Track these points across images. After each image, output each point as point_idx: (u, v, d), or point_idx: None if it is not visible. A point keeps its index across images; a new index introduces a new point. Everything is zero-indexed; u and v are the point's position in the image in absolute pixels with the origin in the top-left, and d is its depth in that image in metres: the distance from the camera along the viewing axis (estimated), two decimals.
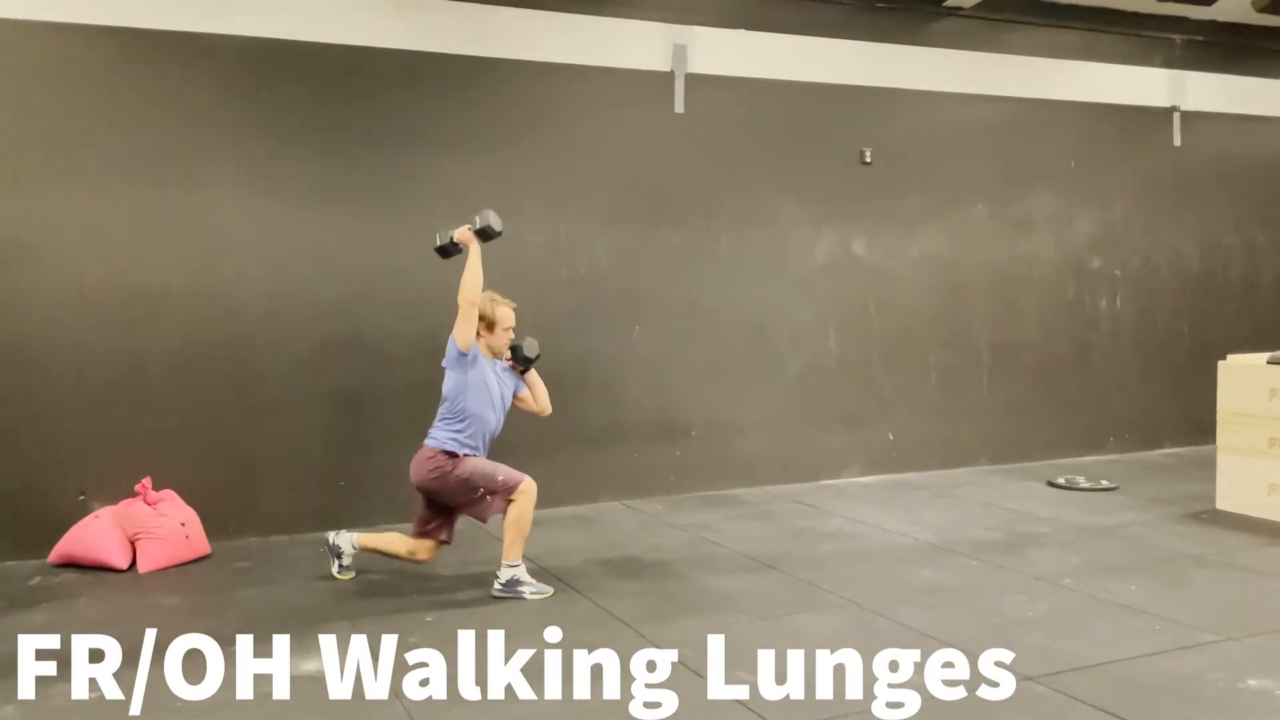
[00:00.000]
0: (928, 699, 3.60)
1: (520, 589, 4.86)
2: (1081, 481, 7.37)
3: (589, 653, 4.07)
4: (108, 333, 5.87)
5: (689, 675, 3.84)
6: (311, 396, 6.29)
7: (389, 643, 4.20)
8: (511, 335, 5.13)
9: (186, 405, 6.01)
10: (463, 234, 4.97)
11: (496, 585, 4.90)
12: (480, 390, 4.95)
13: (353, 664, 4.00)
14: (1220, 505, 6.45)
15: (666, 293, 7.17)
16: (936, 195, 7.98)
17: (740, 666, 3.91)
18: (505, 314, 5.06)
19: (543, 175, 6.83)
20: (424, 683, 3.80)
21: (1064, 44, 8.31)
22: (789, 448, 7.56)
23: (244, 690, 3.76)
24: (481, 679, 3.83)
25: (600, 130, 7.00)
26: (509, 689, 3.73)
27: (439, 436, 4.98)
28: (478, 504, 4.91)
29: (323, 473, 6.32)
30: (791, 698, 3.62)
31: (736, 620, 4.49)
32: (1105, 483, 7.34)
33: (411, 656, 4.08)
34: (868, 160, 7.70)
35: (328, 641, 4.24)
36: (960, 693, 3.64)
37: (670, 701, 3.59)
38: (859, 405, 7.78)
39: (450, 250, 5.06)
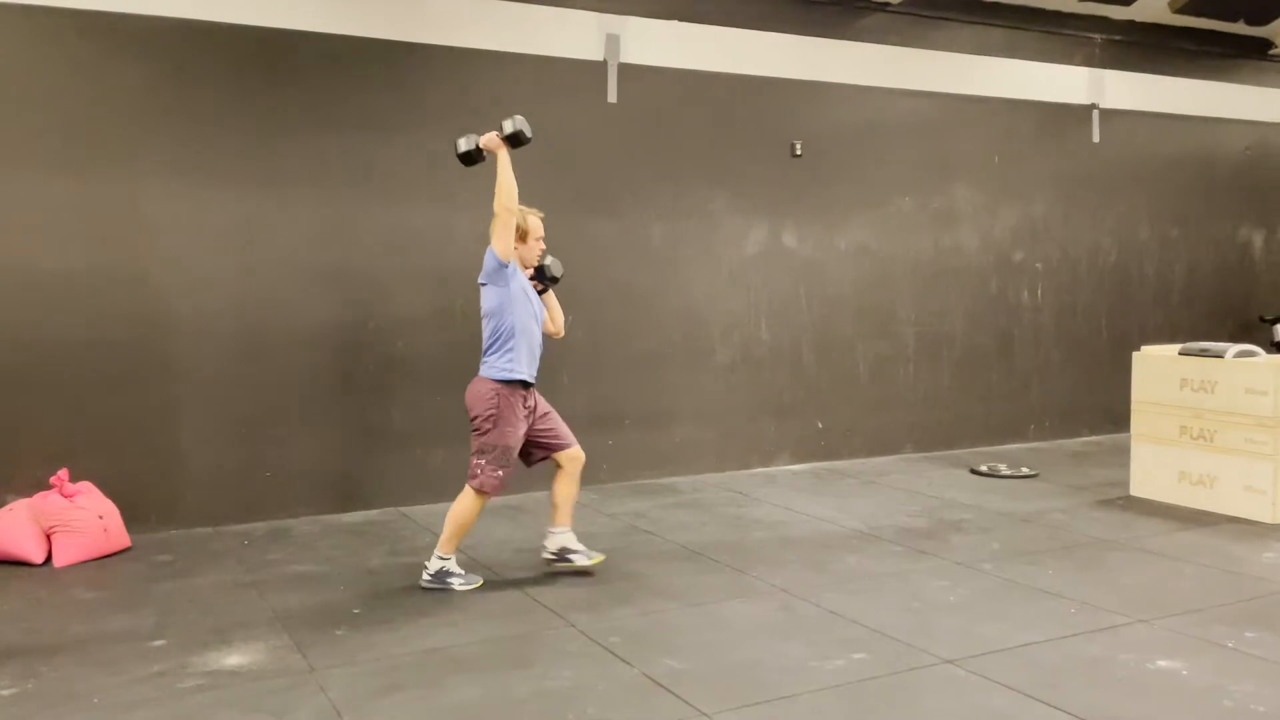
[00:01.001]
0: (851, 683, 3.68)
1: (449, 580, 4.84)
2: (1003, 469, 7.57)
3: (517, 642, 4.10)
4: (20, 319, 5.68)
5: (617, 663, 3.87)
6: (236, 385, 6.17)
7: (314, 637, 4.19)
8: (543, 246, 4.99)
9: (105, 395, 5.85)
10: (489, 140, 4.79)
11: (425, 576, 4.87)
12: (523, 303, 4.80)
13: (275, 658, 3.96)
14: (1134, 491, 6.67)
15: (599, 282, 7.18)
16: (865, 188, 8.10)
17: (669, 653, 3.96)
18: (537, 224, 4.91)
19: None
20: (350, 675, 3.78)
21: (988, 41, 8.49)
22: (721, 436, 7.63)
23: (162, 685, 3.69)
24: (411, 670, 3.82)
25: (532, 119, 6.91)
26: (438, 680, 3.72)
27: (497, 366, 4.77)
28: (473, 466, 4.80)
29: (247, 463, 6.20)
30: (719, 684, 3.67)
31: (666, 608, 4.52)
32: (1026, 470, 7.54)
33: (337, 649, 4.05)
34: (798, 153, 7.78)
35: (250, 635, 4.20)
36: (883, 677, 3.73)
37: (599, 688, 3.62)
38: (790, 394, 7.88)
39: (475, 157, 4.85)
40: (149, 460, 5.96)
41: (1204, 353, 6.36)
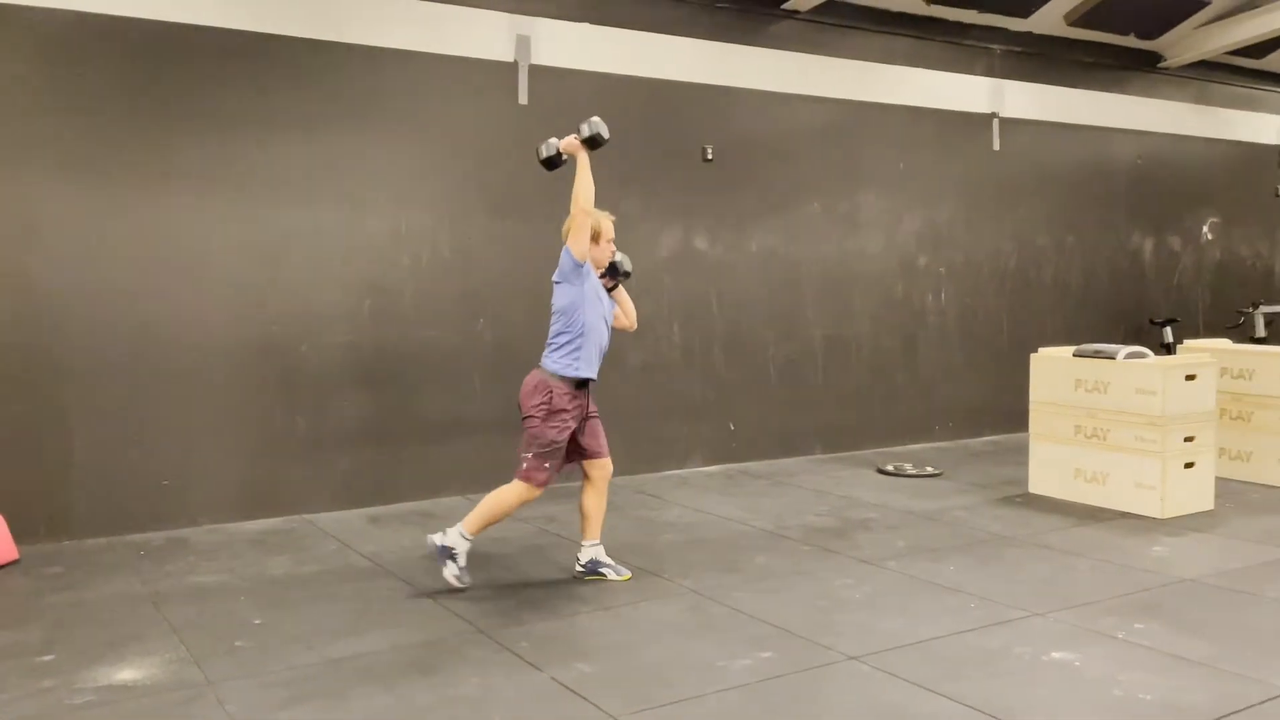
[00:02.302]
0: (758, 682, 3.71)
1: (448, 562, 4.73)
2: (908, 468, 7.74)
3: (425, 650, 4.05)
4: None
5: (526, 668, 3.84)
6: (131, 390, 5.96)
7: (212, 649, 4.07)
8: (613, 248, 4.99)
9: None
10: (569, 143, 4.83)
11: (434, 541, 4.78)
12: (594, 303, 4.84)
13: (171, 671, 3.84)
14: (1032, 489, 6.89)
15: (511, 284, 7.13)
16: (775, 192, 8.21)
17: (579, 657, 3.95)
18: (609, 226, 4.93)
19: (383, 163, 6.68)
20: (250, 688, 3.67)
21: (893, 50, 8.68)
22: (633, 439, 7.63)
23: (50, 701, 3.54)
24: (315, 681, 3.73)
25: (443, 119, 6.88)
26: (342, 691, 3.65)
27: (560, 361, 4.80)
28: (521, 460, 4.78)
29: (143, 471, 5.99)
30: (628, 686, 3.67)
31: (577, 611, 4.51)
32: (930, 469, 7.72)
33: (237, 661, 3.94)
34: (709, 157, 7.85)
35: (144, 649, 4.06)
36: (789, 675, 3.78)
37: (507, 694, 3.59)
38: (701, 396, 7.94)
39: (556, 162, 4.90)
40: (37, 469, 5.72)
41: (1097, 354, 6.59)
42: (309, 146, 6.42)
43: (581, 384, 4.86)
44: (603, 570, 5.01)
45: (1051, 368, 6.81)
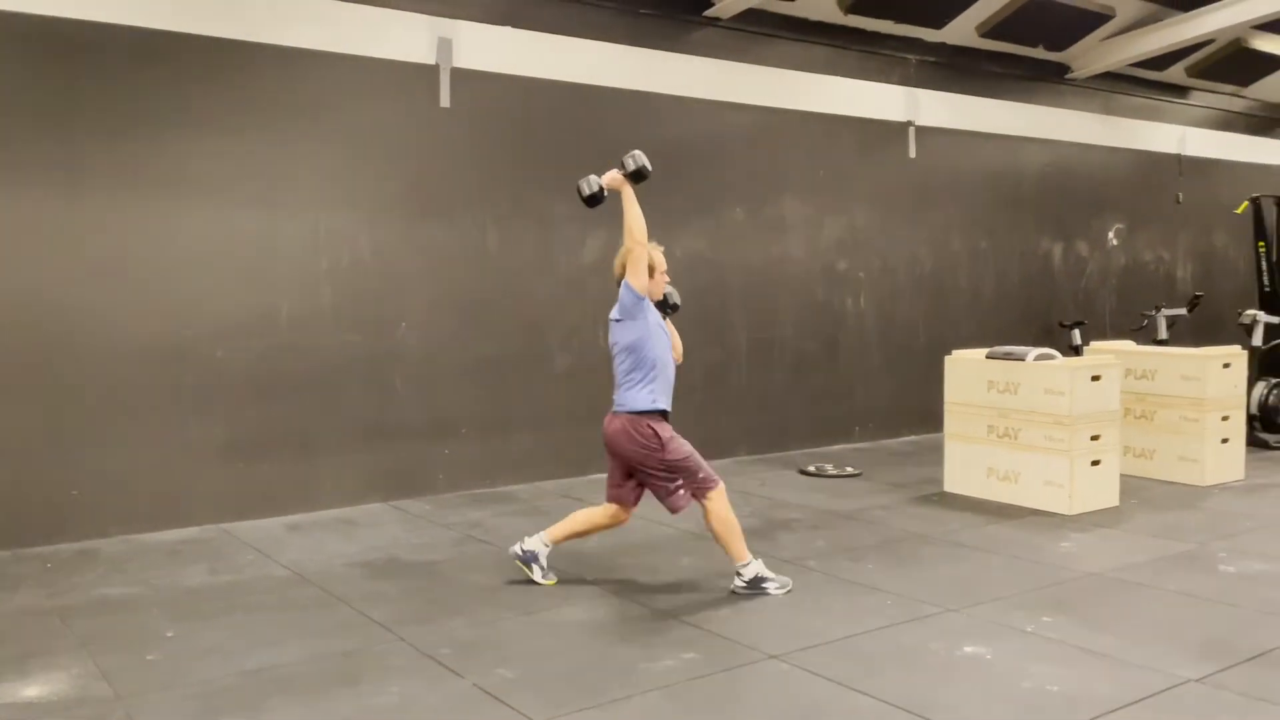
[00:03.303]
0: (680, 683, 3.75)
1: (765, 585, 4.76)
2: (829, 469, 7.88)
3: (343, 659, 4.00)
4: None
5: (448, 675, 3.82)
6: (38, 397, 5.76)
7: (122, 663, 3.96)
8: (667, 279, 4.93)
9: None
10: (612, 179, 4.77)
11: (738, 583, 4.77)
12: (658, 334, 4.78)
13: (79, 687, 3.73)
14: (948, 488, 7.07)
15: (434, 288, 7.07)
16: (699, 197, 8.28)
17: (501, 663, 3.94)
18: (661, 258, 4.86)
19: (301, 165, 6.57)
20: (161, 702, 3.59)
21: (813, 59, 8.83)
22: (560, 443, 7.64)
23: None
24: (229, 694, 3.66)
25: (362, 121, 6.80)
26: (257, 703, 3.58)
27: (639, 398, 4.72)
28: (671, 494, 4.76)
29: (51, 480, 5.80)
30: (550, 690, 3.67)
31: (500, 617, 4.50)
32: (850, 469, 7.87)
33: (148, 675, 3.85)
34: None
35: (51, 664, 3.93)
36: (711, 675, 3.82)
37: (428, 702, 3.57)
38: None
39: (599, 199, 4.85)
40: None
41: (1008, 356, 6.80)
42: (224, 148, 6.29)
43: (663, 414, 4.80)
44: (530, 560, 4.98)
45: (965, 370, 7.00)
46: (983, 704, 3.56)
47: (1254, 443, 8.29)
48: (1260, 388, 8.72)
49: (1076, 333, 10.22)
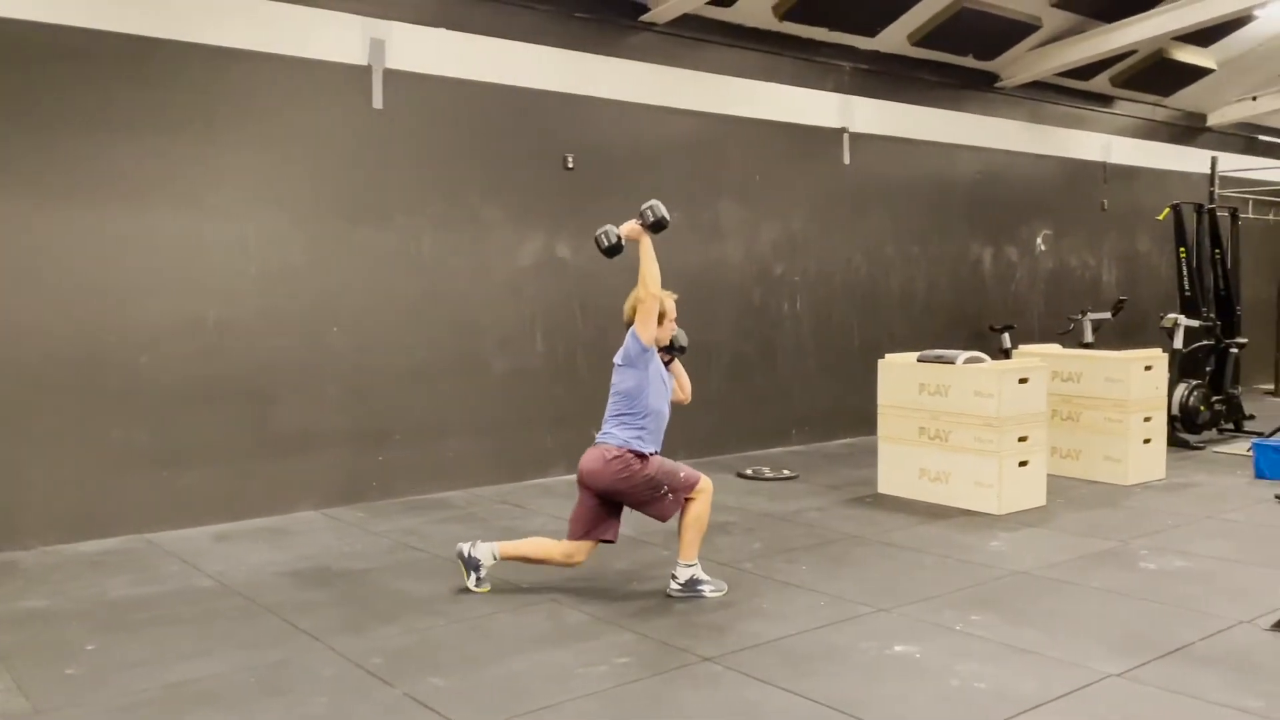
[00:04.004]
0: (615, 688, 3.74)
1: (700, 588, 4.76)
2: (766, 472, 7.94)
3: (271, 670, 3.92)
4: None
5: (378, 684, 3.77)
6: None
7: (40, 677, 3.84)
8: (674, 327, 4.97)
9: None
10: (631, 229, 4.81)
11: (674, 585, 4.78)
12: (658, 385, 4.84)
13: None
14: (882, 489, 7.16)
15: (367, 292, 6.98)
16: (636, 201, 8.12)
17: (433, 671, 3.89)
18: (671, 306, 4.91)
19: (229, 167, 6.44)
20: (80, 717, 3.48)
21: (748, 65, 8.90)
22: (496, 448, 7.59)
23: None
24: (151, 707, 3.57)
25: (292, 122, 6.69)
26: (180, 716, 3.50)
27: (622, 436, 4.74)
28: (659, 502, 4.75)
29: None
30: (483, 698, 3.64)
31: (433, 625, 4.45)
32: (787, 472, 7.94)
33: (67, 689, 3.74)
34: (570, 165, 7.87)
35: None
36: (646, 679, 3.82)
37: (357, 712, 3.52)
38: (565, 404, 7.94)
39: (618, 250, 4.88)
40: None
41: (939, 359, 6.91)
42: (149, 149, 6.14)
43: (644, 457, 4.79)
44: (472, 567, 4.92)
45: (897, 373, 7.11)
46: (911, 702, 3.61)
47: (1175, 443, 8.54)
48: (1181, 389, 8.99)
49: (1006, 336, 10.43)
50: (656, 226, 4.78)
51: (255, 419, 6.55)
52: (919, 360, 7.04)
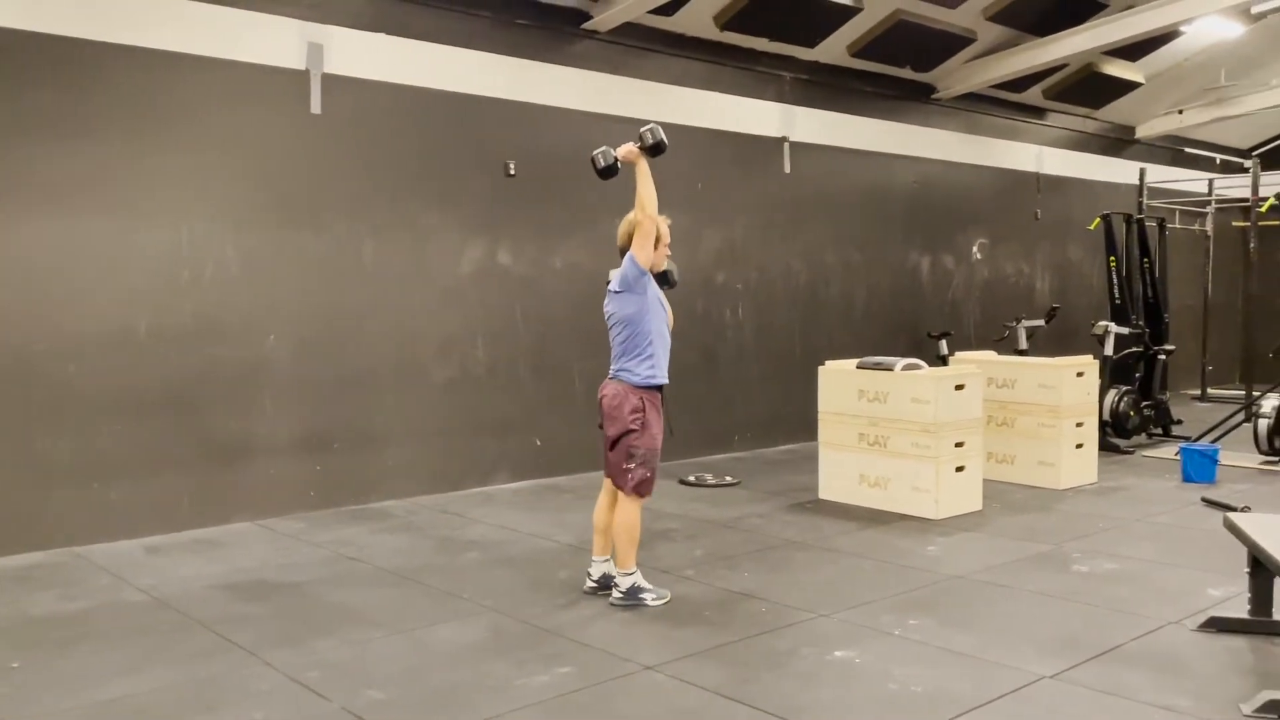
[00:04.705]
0: (555, 698, 3.72)
1: (642, 596, 4.74)
2: (709, 478, 7.97)
3: (204, 685, 3.84)
4: None
5: (315, 699, 3.71)
6: None
7: None
8: (669, 252, 4.89)
9: None
10: (628, 151, 4.76)
11: (615, 595, 4.78)
12: (657, 309, 4.79)
13: None
14: (822, 495, 7.23)
15: (305, 299, 6.88)
16: (578, 208, 8.28)
17: (371, 684, 3.84)
18: (666, 231, 4.83)
19: (163, 172, 6.31)
20: None
21: (690, 74, 8.95)
22: (437, 457, 7.52)
23: None
24: None
25: (229, 127, 6.57)
26: None
27: (639, 372, 4.73)
28: (623, 473, 4.75)
29: None
30: (421, 710, 3.60)
31: (371, 637, 4.39)
32: (729, 478, 7.98)
33: None
34: (512, 173, 7.84)
35: None
36: (586, 688, 3.81)
37: None
38: (507, 412, 7.90)
39: (613, 170, 4.82)
40: None
41: (877, 366, 7.01)
42: (80, 153, 5.99)
43: (659, 389, 4.82)
44: (639, 594, 4.84)
45: (837, 379, 7.18)
46: (850, 707, 3.65)
47: (1106, 447, 8.75)
48: (1111, 395, 9.22)
49: (944, 343, 10.60)
50: (655, 150, 4.79)
51: (189, 429, 6.42)
52: (858, 367, 7.12)
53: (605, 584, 4.94)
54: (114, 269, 6.15)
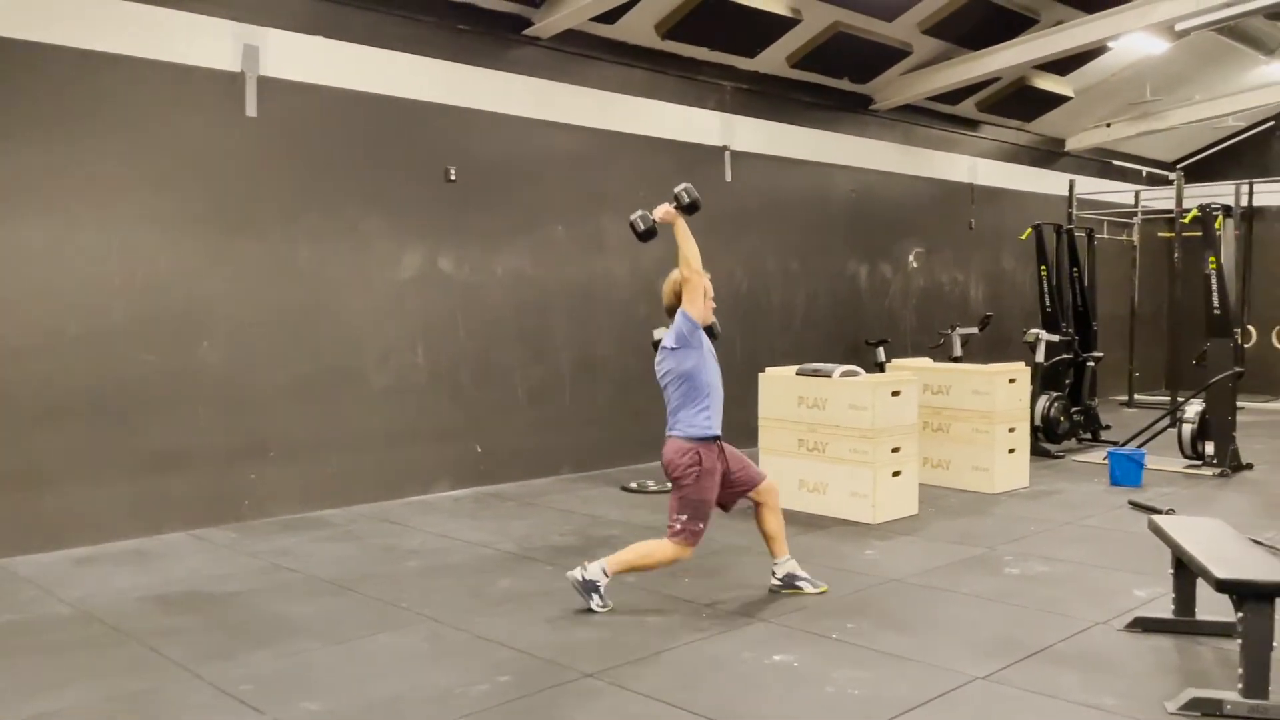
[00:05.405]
0: (494, 707, 3.71)
1: (592, 597, 4.78)
2: (651, 485, 7.99)
3: (134, 700, 3.75)
4: None
5: (248, 712, 3.64)
6: None
7: None
8: (713, 304, 5.01)
9: None
10: (665, 212, 4.90)
11: (575, 578, 4.80)
12: (711, 361, 4.93)
13: None
14: None
15: (240, 305, 6.76)
16: (520, 215, 8.27)
17: (307, 696, 3.79)
18: (709, 285, 4.97)
19: (92, 174, 6.16)
20: None
21: (631, 81, 8.98)
22: (377, 465, 7.43)
23: None
24: None
25: (161, 129, 6.44)
26: None
27: (695, 423, 4.84)
28: (671, 518, 4.86)
29: None
30: None
31: (307, 648, 4.32)
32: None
33: None
34: (453, 178, 7.80)
35: None
36: (526, 696, 3.79)
37: None
38: (448, 419, 7.84)
39: (654, 233, 4.97)
40: None
41: (816, 373, 7.09)
42: (8, 154, 5.84)
43: (716, 439, 4.93)
44: (799, 584, 5.08)
45: (777, 386, 7.26)
46: (788, 710, 3.68)
47: (1037, 452, 8.96)
48: (1043, 401, 9.44)
49: (881, 350, 10.76)
50: (690, 208, 4.92)
51: (120, 437, 6.27)
52: (798, 374, 7.20)
53: (789, 583, 5.10)
54: (42, 272, 5.99)
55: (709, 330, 5.09)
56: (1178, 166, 13.91)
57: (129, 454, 6.29)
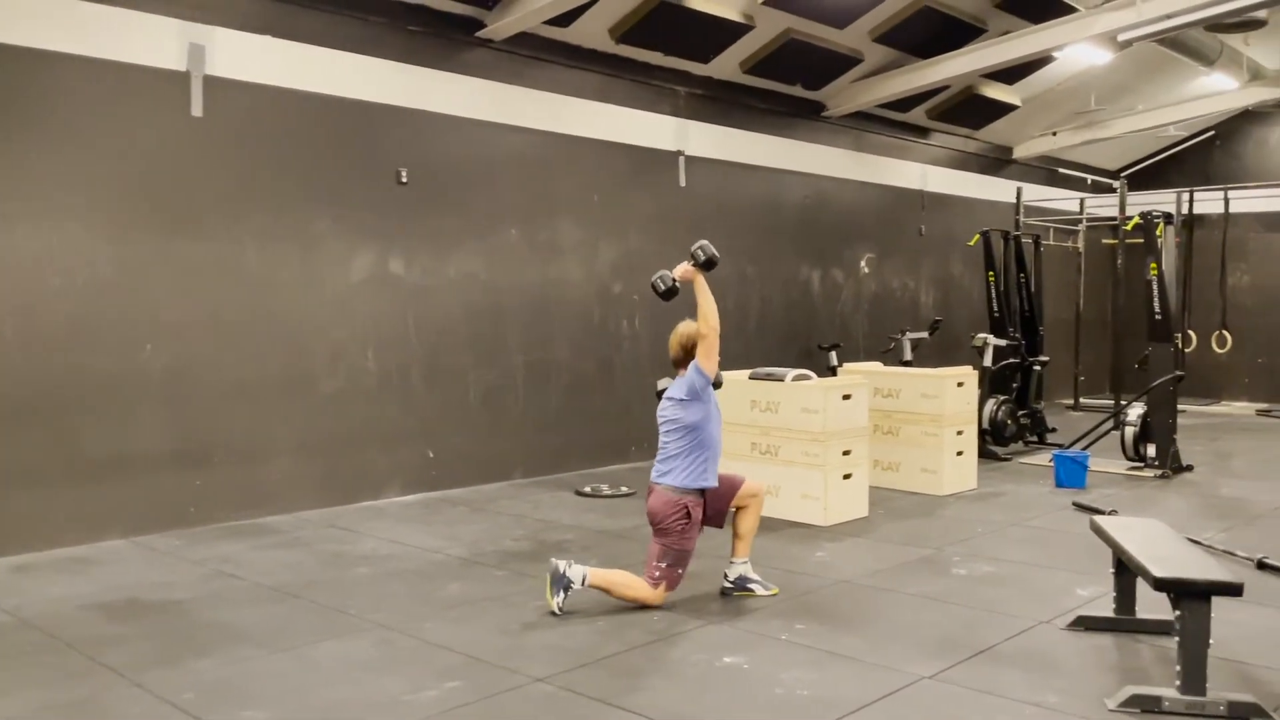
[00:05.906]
0: (443, 713, 3.67)
1: (560, 592, 4.78)
2: (604, 489, 7.98)
3: (71, 710, 3.67)
4: None
5: None
6: None
7: None
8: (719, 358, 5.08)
9: None
10: (685, 271, 5.05)
11: (555, 569, 4.83)
12: (716, 415, 5.05)
13: None
14: None
15: (185, 307, 6.64)
16: (472, 218, 8.22)
17: (251, 704, 3.73)
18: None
19: (30, 173, 6.02)
20: None
21: (585, 85, 8.98)
22: (324, 470, 7.34)
23: None
24: None
25: (103, 129, 6.31)
26: None
27: (689, 473, 4.93)
28: (653, 568, 4.91)
29: None
30: None
31: (251, 656, 4.25)
32: (625, 489, 8.00)
33: None
34: (404, 180, 7.74)
35: None
36: (475, 702, 3.76)
37: None
38: (399, 423, 7.77)
39: (675, 291, 5.12)
40: None
41: (769, 377, 7.13)
42: None
43: (703, 492, 5.02)
44: (751, 586, 5.14)
45: (731, 389, 7.24)
46: (738, 712, 3.69)
47: (985, 455, 9.08)
48: (990, 404, 9.58)
49: (833, 354, 10.84)
50: (707, 265, 5.07)
51: (58, 441, 6.12)
52: (751, 378, 7.24)
53: (740, 585, 5.15)
54: None
55: (714, 382, 5.20)
56: (1121, 175, 14.23)
57: (69, 459, 6.15)
